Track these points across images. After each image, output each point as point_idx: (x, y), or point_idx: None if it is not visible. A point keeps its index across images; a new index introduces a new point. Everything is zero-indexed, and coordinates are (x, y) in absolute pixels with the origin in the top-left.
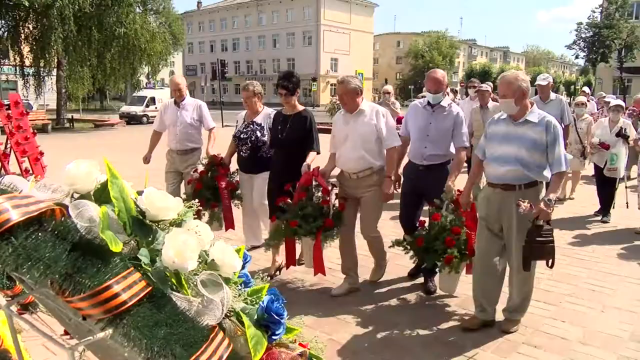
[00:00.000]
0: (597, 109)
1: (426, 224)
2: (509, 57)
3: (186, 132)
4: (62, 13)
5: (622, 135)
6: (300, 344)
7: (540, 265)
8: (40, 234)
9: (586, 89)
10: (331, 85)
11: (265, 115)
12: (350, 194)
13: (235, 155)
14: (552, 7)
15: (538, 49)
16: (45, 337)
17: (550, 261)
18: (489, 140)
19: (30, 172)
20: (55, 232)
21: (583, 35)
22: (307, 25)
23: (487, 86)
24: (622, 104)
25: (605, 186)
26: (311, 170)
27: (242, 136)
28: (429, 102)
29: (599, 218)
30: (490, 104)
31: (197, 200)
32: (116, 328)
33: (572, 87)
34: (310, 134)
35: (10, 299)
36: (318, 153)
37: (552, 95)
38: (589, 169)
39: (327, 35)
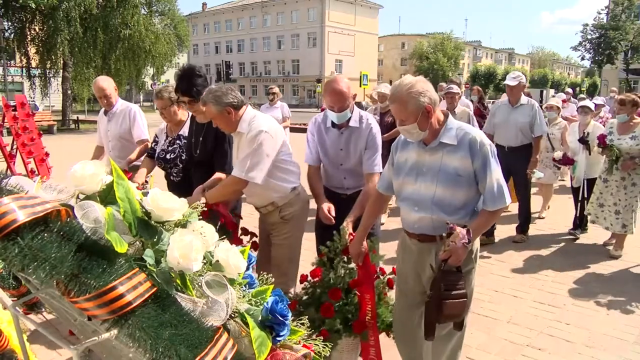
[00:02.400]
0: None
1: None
2: (514, 58)
3: (119, 147)
4: (68, 15)
5: (583, 141)
6: (304, 345)
7: (546, 267)
8: (46, 234)
9: (569, 90)
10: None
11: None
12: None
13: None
14: (556, 8)
15: (543, 50)
16: (50, 337)
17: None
18: (395, 171)
19: (36, 172)
20: (61, 233)
21: (589, 37)
22: (312, 26)
23: (458, 88)
24: (590, 104)
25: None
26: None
27: (168, 156)
28: (333, 123)
29: (570, 230)
30: (458, 108)
31: (203, 200)
32: (121, 328)
33: (578, 88)
34: (219, 148)
35: (16, 299)
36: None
37: (524, 99)
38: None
39: (331, 36)
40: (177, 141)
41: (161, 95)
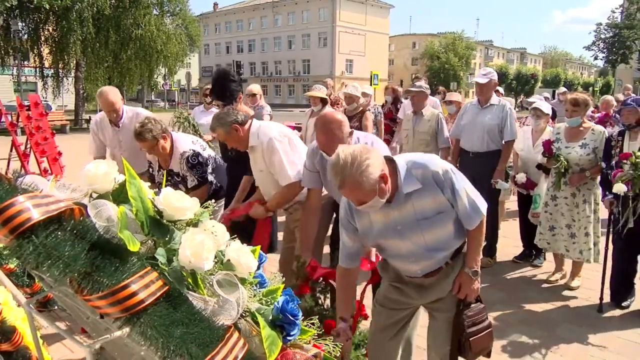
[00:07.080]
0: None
1: None
2: (526, 58)
3: (134, 158)
4: (81, 15)
5: (543, 168)
6: (314, 345)
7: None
8: (60, 232)
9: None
10: (345, 86)
11: (178, 158)
12: None
13: None
14: (568, 7)
15: (556, 50)
16: (63, 334)
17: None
18: (362, 236)
19: (49, 171)
20: (75, 231)
21: (602, 36)
22: (323, 26)
23: (425, 85)
24: (545, 107)
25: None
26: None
27: None
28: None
29: (532, 262)
30: (426, 109)
31: (213, 201)
32: (133, 327)
33: (591, 88)
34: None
35: (30, 296)
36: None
37: (494, 99)
38: None
39: (342, 36)
40: (171, 178)
41: (143, 137)
